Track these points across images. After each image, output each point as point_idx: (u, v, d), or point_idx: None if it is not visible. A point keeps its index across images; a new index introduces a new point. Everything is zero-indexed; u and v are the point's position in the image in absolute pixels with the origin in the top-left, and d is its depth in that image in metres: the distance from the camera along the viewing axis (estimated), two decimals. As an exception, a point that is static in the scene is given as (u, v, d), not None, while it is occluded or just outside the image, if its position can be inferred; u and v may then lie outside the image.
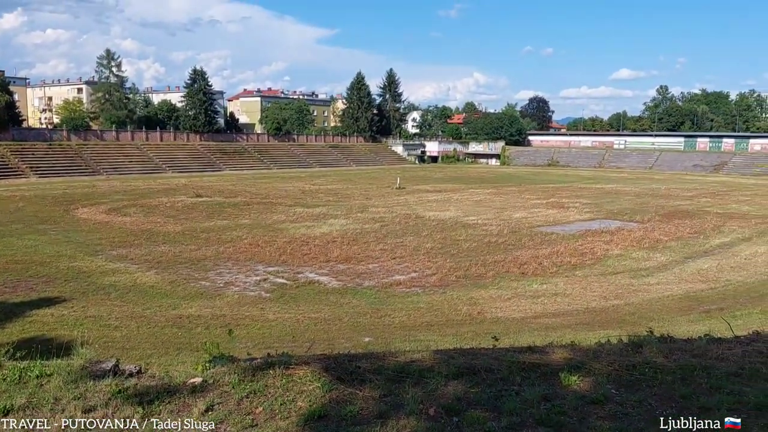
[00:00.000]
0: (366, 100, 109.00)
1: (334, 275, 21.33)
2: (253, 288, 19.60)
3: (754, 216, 37.86)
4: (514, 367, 5.62)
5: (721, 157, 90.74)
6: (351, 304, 17.94)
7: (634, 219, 35.85)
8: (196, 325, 15.70)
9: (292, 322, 16.15)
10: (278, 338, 14.47)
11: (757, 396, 4.92)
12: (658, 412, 4.72)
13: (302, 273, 21.49)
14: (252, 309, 17.30)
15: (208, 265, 22.46)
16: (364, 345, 13.29)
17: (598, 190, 55.51)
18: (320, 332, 15.29)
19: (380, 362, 5.73)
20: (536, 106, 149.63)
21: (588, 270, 22.74)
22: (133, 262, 22.73)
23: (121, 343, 13.93)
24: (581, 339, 10.89)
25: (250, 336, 14.67)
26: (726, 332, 7.66)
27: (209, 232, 29.65)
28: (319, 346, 11.29)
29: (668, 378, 5.38)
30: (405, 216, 35.92)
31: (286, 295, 18.75)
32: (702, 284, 21.02)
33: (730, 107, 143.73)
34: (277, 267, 22.37)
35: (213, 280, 20.38)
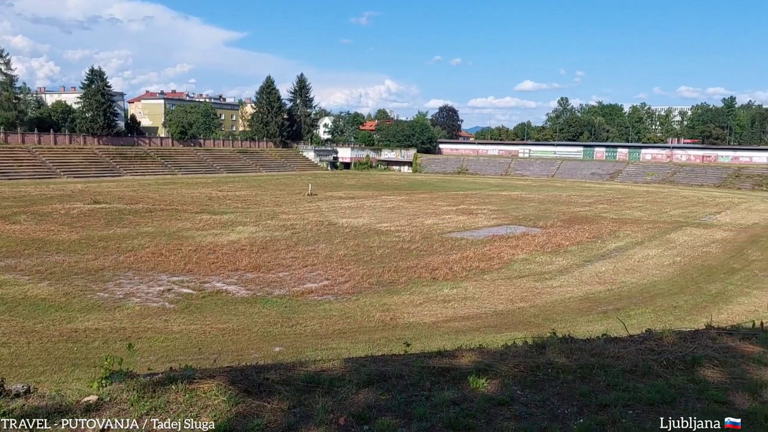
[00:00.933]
0: (276, 104, 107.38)
1: (242, 284, 20.77)
2: (156, 299, 18.71)
3: (646, 221, 40.55)
4: (424, 372, 5.62)
5: (616, 165, 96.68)
6: (261, 314, 17.51)
7: (537, 224, 37.40)
8: (94, 339, 14.77)
9: (198, 334, 15.53)
10: (183, 351, 13.89)
11: (650, 392, 5.17)
12: (560, 411, 4.85)
13: (209, 282, 20.77)
14: (155, 321, 16.50)
15: (107, 276, 21.25)
16: (275, 355, 13.00)
17: (505, 197, 57.52)
18: (228, 343, 14.81)
19: (290, 373, 5.57)
20: (446, 114, 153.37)
21: (496, 274, 23.44)
22: (23, 273, 21.12)
23: (8, 361, 12.91)
24: (489, 342, 11.18)
25: (152, 349, 13.99)
26: (622, 331, 8.05)
27: (108, 240, 28.08)
28: (226, 358, 10.90)
29: (569, 377, 5.55)
30: (317, 223, 35.64)
31: (192, 306, 18.03)
32: (600, 286, 22.20)
33: (624, 119, 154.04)
34: (182, 276, 21.50)
35: (112, 291, 19.29)
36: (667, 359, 5.98)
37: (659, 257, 27.73)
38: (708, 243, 32.14)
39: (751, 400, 5.02)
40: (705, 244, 31.66)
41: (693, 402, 5.04)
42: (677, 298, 20.53)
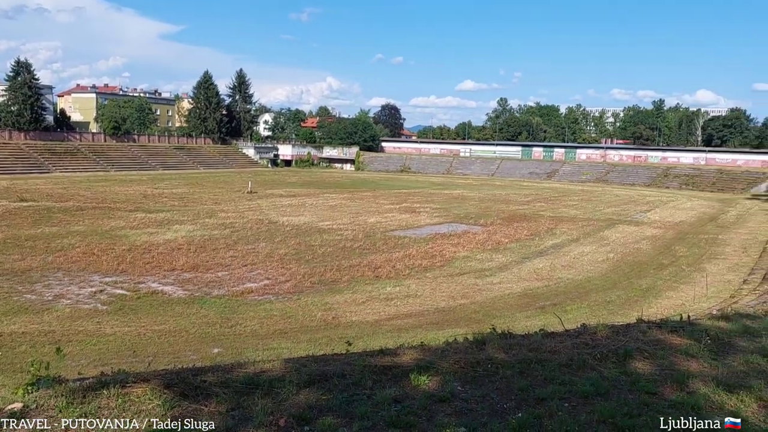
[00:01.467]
0: (214, 100, 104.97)
1: (179, 284, 20.20)
2: (87, 300, 17.96)
3: (581, 219, 41.91)
4: (366, 371, 5.59)
5: (553, 165, 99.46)
6: (199, 315, 17.08)
7: (478, 222, 38.04)
8: (20, 343, 14.04)
9: (132, 336, 15.00)
10: (117, 354, 13.37)
11: (584, 385, 5.31)
12: (499, 406, 4.91)
13: (144, 283, 20.11)
14: (86, 323, 15.83)
15: (35, 277, 20.24)
16: (213, 357, 12.70)
17: (447, 196, 58.22)
18: (164, 345, 14.36)
19: (228, 374, 5.43)
20: (388, 113, 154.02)
21: (438, 271, 23.69)
22: (-60, 276, 19.88)
23: (-75, 370, 12.07)
24: (431, 339, 11.26)
25: (84, 353, 13.41)
26: (558, 326, 8.25)
27: (36, 240, 26.76)
28: (162, 361, 10.57)
29: (508, 372, 5.63)
30: (257, 221, 35.09)
31: (126, 307, 17.40)
32: (538, 282, 22.78)
33: (561, 120, 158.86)
34: (116, 277, 20.73)
35: (40, 293, 18.38)
36: (600, 353, 6.16)
37: (593, 254, 28.70)
38: (639, 240, 33.50)
39: (678, 391, 5.22)
40: (636, 241, 32.99)
41: (625, 394, 5.20)
42: (610, 293, 21.29)
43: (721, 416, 4.70)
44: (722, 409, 4.85)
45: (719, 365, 5.90)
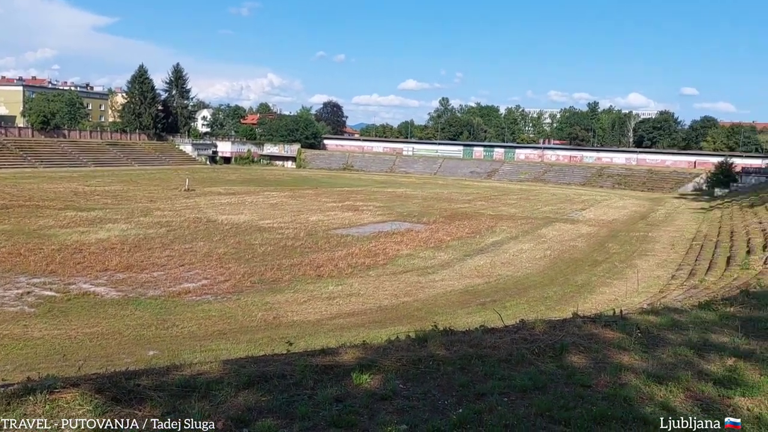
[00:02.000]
0: (150, 94, 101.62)
1: (112, 285, 19.48)
2: (13, 303, 17.07)
3: (520, 217, 42.91)
4: (307, 370, 5.51)
5: (493, 164, 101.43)
6: (133, 316, 16.51)
7: (421, 221, 38.36)
8: (-63, 350, 13.21)
9: (62, 340, 14.34)
10: (45, 359, 12.76)
11: (523, 379, 5.40)
12: (440, 403, 4.93)
13: (75, 284, 19.29)
14: (12, 327, 15.04)
15: (-46, 279, 19.11)
16: (148, 359, 12.30)
17: (390, 194, 58.47)
18: (97, 349, 13.80)
19: (164, 377, 5.24)
20: (331, 110, 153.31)
21: (381, 270, 23.73)
22: None
23: None
24: (373, 337, 11.24)
25: (9, 358, 12.75)
26: (498, 322, 8.39)
27: (-44, 240, 25.26)
28: (94, 365, 10.12)
29: (449, 369, 5.67)
30: (195, 220, 34.24)
31: (56, 310, 16.63)
32: (479, 279, 23.16)
33: (500, 120, 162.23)
34: (44, 278, 19.79)
35: (-40, 297, 17.36)
36: (538, 347, 6.29)
37: (532, 251, 29.43)
38: (575, 237, 34.58)
39: (611, 383, 5.38)
40: (572, 239, 34.04)
41: (561, 387, 5.32)
42: (548, 289, 21.88)
43: (653, 407, 4.89)
44: (652, 400, 5.02)
45: (649, 358, 6.12)
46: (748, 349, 6.47)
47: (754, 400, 5.08)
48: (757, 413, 4.79)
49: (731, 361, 6.00)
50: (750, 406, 4.95)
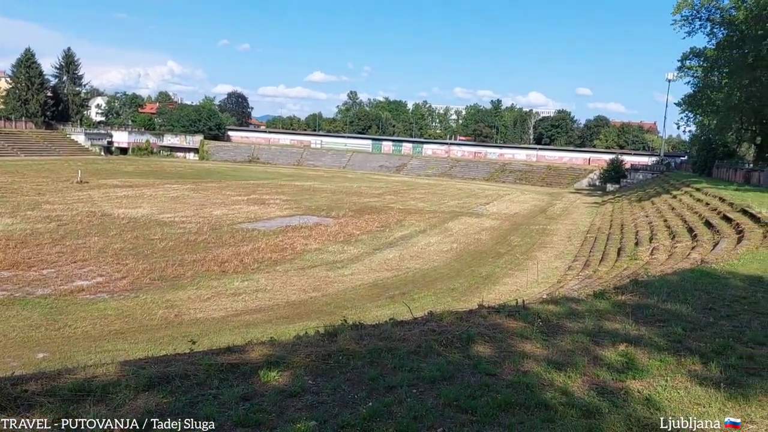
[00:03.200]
0: (38, 80, 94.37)
1: (-3, 284, 17.98)
2: None
3: (428, 211, 43.73)
4: (212, 370, 5.33)
5: (402, 159, 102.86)
6: (20, 317, 15.29)
7: (330, 215, 38.20)
8: None
9: (-65, 346, 13.07)
10: None
11: (431, 370, 5.48)
12: (350, 397, 4.92)
13: (-48, 284, 17.64)
14: None
15: None
16: (37, 363, 11.44)
17: (298, 187, 57.81)
18: (-24, 354, 12.68)
19: (54, 382, 4.90)
20: (235, 101, 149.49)
21: (288, 265, 23.40)
22: None
23: None
24: (281, 333, 11.07)
25: None
26: (407, 315, 8.49)
27: None
28: (-28, 372, 9.29)
29: (359, 363, 5.66)
30: (88, 214, 32.26)
31: (-72, 313, 15.14)
32: (388, 272, 23.37)
33: (408, 115, 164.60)
34: None
35: None
36: (446, 338, 6.41)
37: (439, 244, 30.09)
38: (479, 231, 35.70)
39: (515, 371, 5.57)
40: (477, 232, 35.13)
41: (468, 376, 5.44)
42: (454, 281, 22.44)
43: (553, 393, 5.09)
44: (552, 386, 5.24)
45: (549, 346, 6.39)
46: (637, 334, 6.90)
47: (644, 382, 5.42)
48: (647, 395, 5.11)
49: (623, 346, 6.37)
50: (640, 388, 5.27)
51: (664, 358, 6.07)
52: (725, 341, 6.66)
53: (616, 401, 4.96)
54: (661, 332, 7.02)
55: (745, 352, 6.32)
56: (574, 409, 4.75)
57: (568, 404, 4.85)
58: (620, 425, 4.51)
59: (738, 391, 5.18)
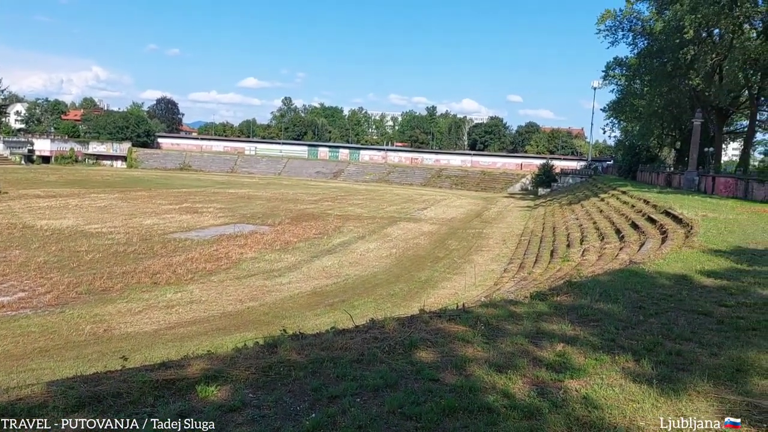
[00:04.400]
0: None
1: None
2: None
3: (366, 217, 43.75)
4: (146, 387, 5.09)
5: (339, 165, 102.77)
6: (-68, 338, 14.28)
7: (266, 222, 37.61)
8: None
9: None
10: None
11: (375, 378, 5.43)
12: (292, 409, 4.81)
13: None
14: None
15: None
16: (-48, 387, 10.68)
17: (232, 195, 56.69)
18: None
19: (-28, 407, 4.56)
20: (165, 107, 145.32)
21: (224, 274, 22.86)
22: None
23: None
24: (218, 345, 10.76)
25: None
26: (348, 322, 8.40)
27: None
28: None
29: (301, 374, 5.55)
30: (9, 226, 30.52)
31: None
32: (326, 280, 23.19)
33: (344, 121, 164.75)
34: None
35: None
36: (389, 345, 6.37)
37: (378, 250, 30.13)
38: (418, 235, 36.01)
39: (458, 375, 5.59)
40: (415, 237, 35.41)
41: (412, 383, 5.42)
42: (394, 287, 22.50)
43: (495, 395, 5.13)
44: (494, 389, 5.28)
45: (491, 348, 6.45)
46: (573, 335, 7.08)
47: (581, 381, 5.54)
48: (585, 393, 5.22)
49: (560, 347, 6.52)
50: (578, 387, 5.39)
51: (599, 356, 6.24)
52: (655, 338, 6.92)
53: (555, 401, 5.04)
54: (596, 331, 7.23)
55: (674, 348, 6.59)
56: (516, 411, 4.80)
57: (510, 406, 4.89)
58: (560, 425, 4.58)
59: (669, 387, 5.37)
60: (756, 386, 5.45)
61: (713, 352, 6.52)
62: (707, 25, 39.65)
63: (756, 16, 39.63)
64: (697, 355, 6.37)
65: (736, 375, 5.72)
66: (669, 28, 41.85)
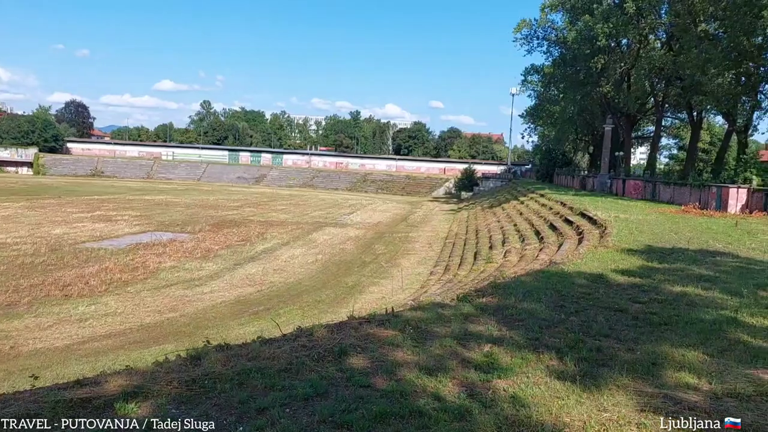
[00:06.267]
0: None
1: None
2: None
3: (291, 223, 43.19)
4: (59, 407, 4.77)
5: (261, 170, 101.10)
6: None
7: (186, 230, 36.40)
8: None
9: None
10: None
11: (304, 387, 5.32)
12: (219, 422, 4.64)
13: None
14: None
15: None
16: None
17: (148, 202, 54.57)
18: None
19: None
20: (74, 110, 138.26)
21: (141, 285, 21.93)
22: None
23: None
24: (137, 359, 10.30)
25: None
26: (275, 331, 8.23)
27: None
28: None
29: (227, 386, 5.38)
30: None
31: None
32: (250, 288, 22.68)
33: (267, 125, 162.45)
34: None
35: None
36: (318, 353, 6.27)
37: (303, 256, 29.80)
38: (344, 241, 35.91)
39: (389, 380, 5.57)
40: (342, 242, 35.29)
41: (342, 390, 5.35)
42: (321, 293, 22.30)
43: (426, 398, 5.13)
44: (425, 392, 5.29)
45: (420, 352, 6.48)
46: (500, 335, 7.23)
47: (509, 380, 5.65)
48: (512, 393, 5.32)
49: (488, 347, 6.63)
50: (506, 386, 5.49)
51: (525, 355, 6.39)
52: (576, 336, 7.17)
53: (485, 401, 5.11)
54: (521, 331, 7.41)
55: (594, 344, 6.85)
56: (447, 413, 4.82)
57: (440, 409, 4.91)
58: (490, 425, 4.64)
59: (591, 382, 5.57)
60: (670, 378, 5.74)
61: (630, 347, 6.83)
62: (616, 35, 41.99)
63: (660, 28, 42.33)
64: (616, 351, 6.65)
65: (652, 368, 6.01)
66: (581, 37, 43.98)
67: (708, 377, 5.73)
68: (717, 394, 5.33)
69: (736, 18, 30.92)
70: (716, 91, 33.02)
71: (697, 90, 35.92)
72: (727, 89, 33.18)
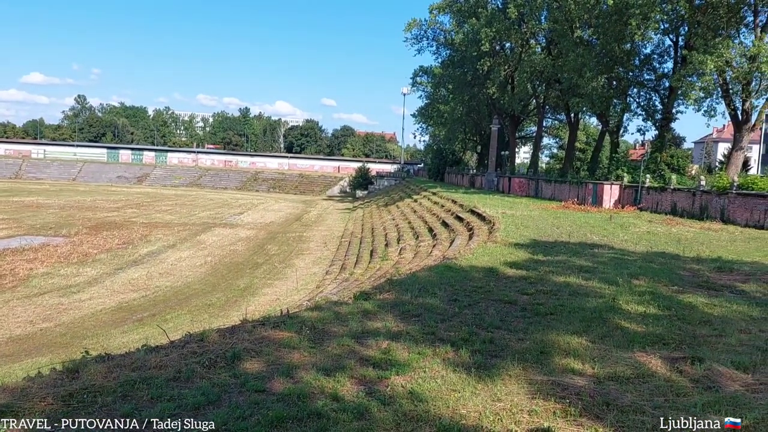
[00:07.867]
0: None
1: None
2: None
3: (177, 224, 41.31)
4: None
5: (144, 169, 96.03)
6: None
7: (60, 233, 33.80)
8: None
9: None
10: None
11: (195, 396, 5.07)
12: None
13: None
14: None
15: None
16: None
17: (17, 204, 50.17)
18: None
19: None
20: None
21: (9, 294, 20.10)
22: None
23: None
24: (6, 374, 9.42)
25: None
26: (162, 338, 7.78)
27: None
28: None
29: (109, 399, 5.02)
30: None
31: None
32: (134, 293, 21.43)
33: (149, 122, 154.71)
34: None
35: None
36: (209, 359, 5.99)
37: (191, 258, 28.60)
38: (235, 242, 34.86)
39: (286, 383, 5.42)
40: (232, 243, 34.24)
41: (236, 396, 5.16)
42: (211, 297, 21.48)
43: (324, 400, 5.03)
44: (323, 393, 5.20)
45: (318, 352, 6.37)
46: (397, 330, 7.27)
47: (407, 376, 5.69)
48: (410, 388, 5.36)
49: (386, 344, 6.64)
50: (403, 382, 5.52)
51: (422, 350, 6.46)
52: (470, 328, 7.37)
53: (383, 399, 5.11)
54: (417, 326, 7.50)
55: (487, 336, 7.06)
56: (346, 413, 4.77)
57: (339, 409, 4.85)
58: (389, 422, 4.64)
59: (485, 373, 5.72)
60: (558, 365, 6.02)
61: (520, 337, 7.11)
62: (500, 39, 43.93)
63: (540, 33, 44.81)
64: (507, 341, 6.90)
65: (541, 357, 6.28)
66: (468, 40, 45.61)
67: (591, 362, 6.07)
68: (600, 377, 5.65)
69: (608, 25, 33.40)
70: (591, 94, 35.47)
71: (574, 92, 38.34)
72: (600, 92, 35.75)
